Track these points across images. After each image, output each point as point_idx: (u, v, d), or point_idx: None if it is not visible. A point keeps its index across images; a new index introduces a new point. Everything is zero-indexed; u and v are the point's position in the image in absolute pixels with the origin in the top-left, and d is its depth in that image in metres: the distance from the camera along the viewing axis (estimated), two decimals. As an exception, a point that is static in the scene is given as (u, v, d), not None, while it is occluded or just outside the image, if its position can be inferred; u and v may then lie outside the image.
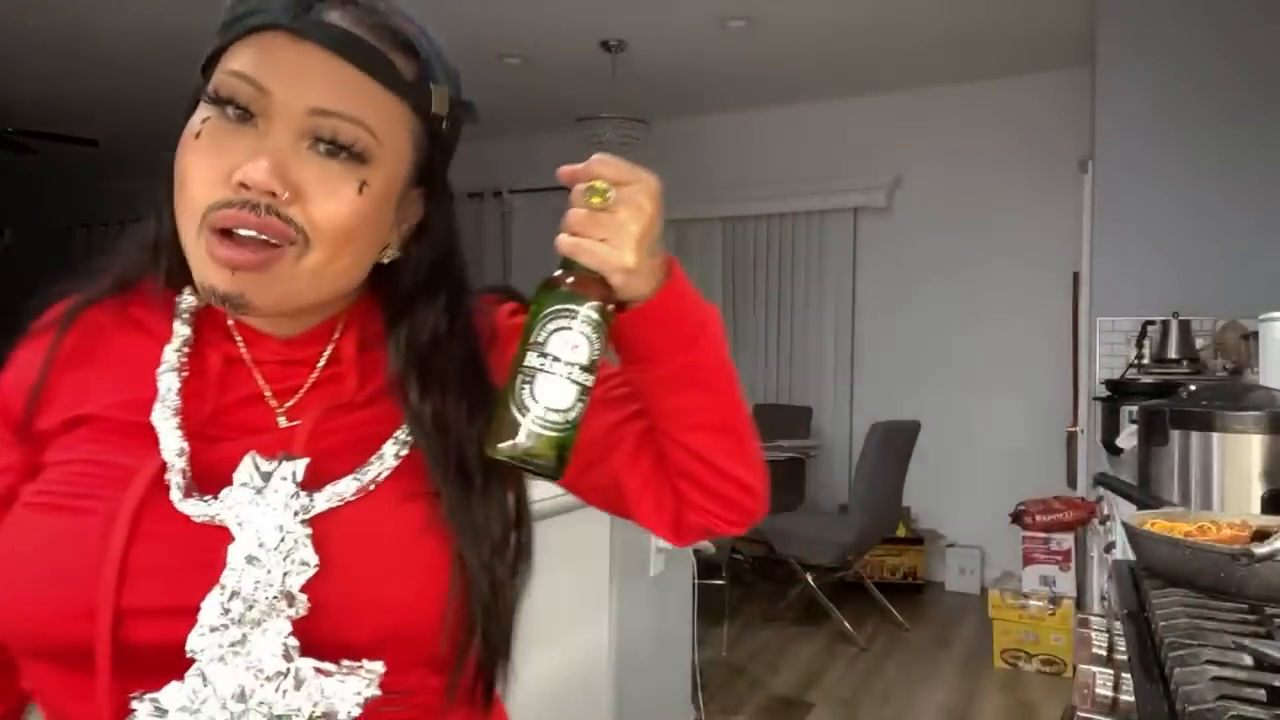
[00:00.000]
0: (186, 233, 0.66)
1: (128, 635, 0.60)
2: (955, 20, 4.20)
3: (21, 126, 5.50)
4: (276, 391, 0.72)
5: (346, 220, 0.66)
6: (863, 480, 4.11)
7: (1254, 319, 2.12)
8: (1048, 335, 4.81)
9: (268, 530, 0.62)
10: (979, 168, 5.02)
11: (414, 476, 0.68)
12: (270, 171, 0.63)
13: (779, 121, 5.53)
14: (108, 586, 0.60)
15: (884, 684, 3.62)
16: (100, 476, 0.65)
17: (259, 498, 0.63)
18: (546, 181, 6.03)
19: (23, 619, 0.62)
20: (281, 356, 0.73)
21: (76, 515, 0.63)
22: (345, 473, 0.66)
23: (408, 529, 0.66)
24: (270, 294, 0.66)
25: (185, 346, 0.72)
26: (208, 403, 0.70)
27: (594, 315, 0.64)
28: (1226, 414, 1.45)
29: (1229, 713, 0.70)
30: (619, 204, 0.64)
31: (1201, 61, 3.39)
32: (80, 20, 4.28)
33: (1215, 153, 3.37)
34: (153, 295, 0.74)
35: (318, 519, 0.64)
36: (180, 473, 0.64)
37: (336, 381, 0.73)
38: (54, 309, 0.76)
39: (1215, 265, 3.35)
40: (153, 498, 0.63)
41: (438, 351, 0.73)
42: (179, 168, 0.66)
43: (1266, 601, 0.97)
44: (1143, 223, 3.47)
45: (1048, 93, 4.82)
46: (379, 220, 0.70)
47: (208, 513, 0.63)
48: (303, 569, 0.62)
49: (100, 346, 0.73)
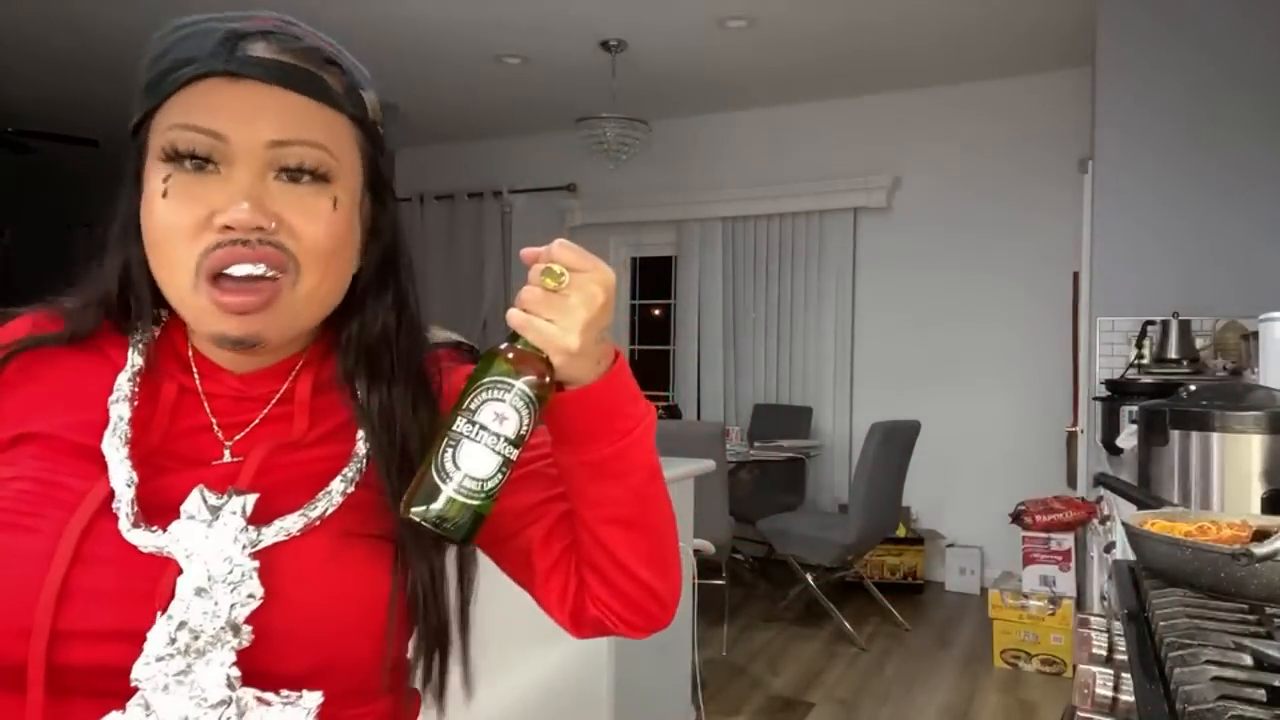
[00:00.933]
0: (179, 289, 0.68)
1: (64, 656, 0.61)
2: (955, 20, 4.20)
3: (21, 126, 5.50)
4: (224, 425, 0.73)
5: (329, 238, 0.69)
6: (863, 480, 4.11)
7: (1254, 319, 2.12)
8: (1048, 335, 4.81)
9: (216, 562, 0.64)
10: (979, 168, 5.02)
11: (360, 515, 0.70)
12: (252, 209, 0.65)
13: (779, 121, 5.53)
14: (46, 606, 0.60)
15: (884, 684, 3.62)
16: (46, 496, 0.65)
17: (208, 529, 0.65)
18: (546, 181, 6.06)
19: None
20: (236, 392, 0.75)
21: (19, 533, 0.63)
22: (292, 508, 0.68)
23: (351, 563, 0.68)
24: (280, 328, 0.69)
25: (138, 376, 0.73)
26: (156, 432, 0.71)
27: (528, 391, 0.65)
28: (1226, 414, 1.45)
29: (1229, 713, 0.70)
30: (572, 288, 0.66)
31: (1201, 61, 3.39)
32: (80, 20, 4.28)
33: (1215, 153, 3.37)
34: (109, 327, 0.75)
35: (264, 552, 0.65)
36: (130, 503, 0.65)
37: (285, 420, 0.74)
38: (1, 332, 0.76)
39: (1215, 265, 3.35)
40: (97, 523, 0.64)
41: (384, 347, 0.76)
42: (154, 231, 0.67)
43: (1266, 601, 0.97)
44: (1143, 223, 3.47)
45: (1048, 93, 4.82)
46: (351, 233, 0.73)
47: (156, 544, 0.64)
48: (249, 601, 0.63)
49: (51, 367, 0.74)
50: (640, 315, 6.21)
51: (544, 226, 6.04)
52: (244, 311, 0.67)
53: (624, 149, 4.68)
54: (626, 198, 5.85)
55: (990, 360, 5.01)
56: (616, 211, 5.93)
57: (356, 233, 0.74)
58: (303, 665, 0.65)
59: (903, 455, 4.33)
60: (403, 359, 0.76)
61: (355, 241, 0.74)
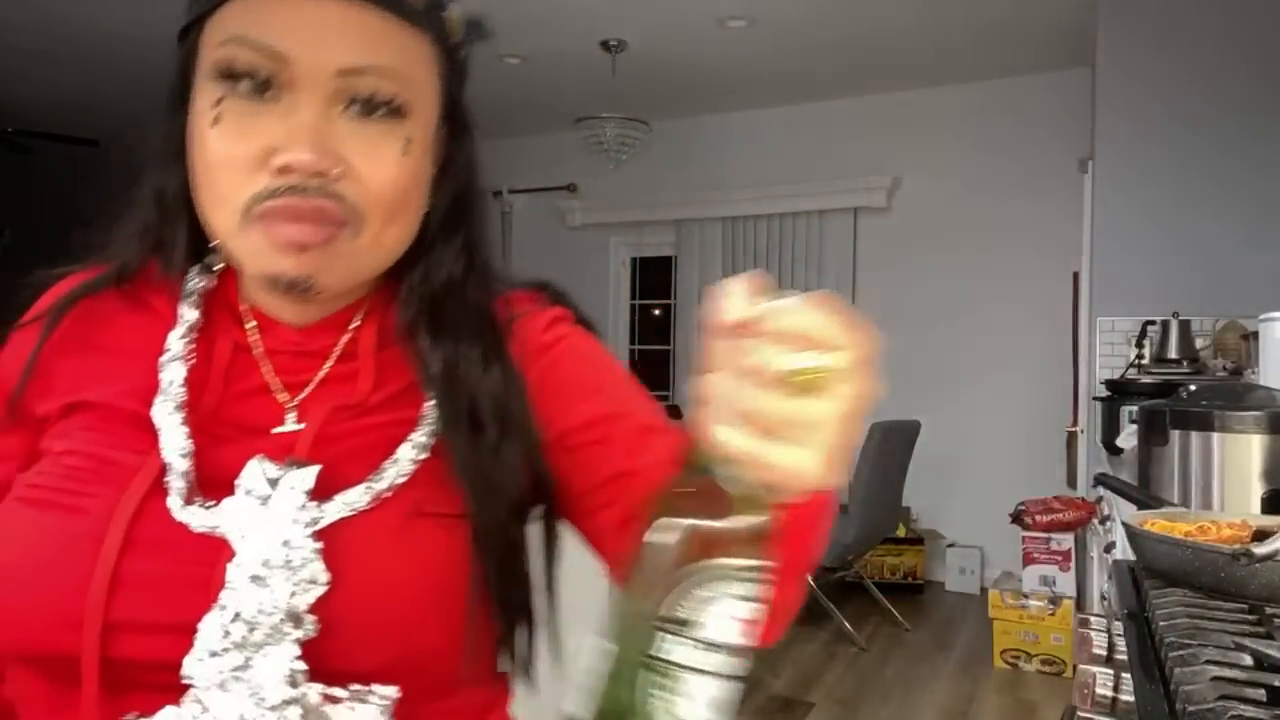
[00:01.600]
0: (225, 228, 0.60)
1: (117, 649, 0.56)
2: (956, 20, 4.20)
3: (21, 126, 5.50)
4: (283, 386, 0.66)
5: (397, 187, 0.61)
6: (862, 480, 4.11)
7: (1254, 319, 2.12)
8: (1048, 335, 4.81)
9: (272, 544, 0.56)
10: (979, 168, 5.02)
11: (432, 486, 0.62)
12: (315, 150, 0.57)
13: (779, 121, 5.53)
14: (97, 597, 0.55)
15: (884, 684, 3.62)
16: (97, 473, 0.60)
17: (263, 508, 0.58)
18: (546, 181, 6.06)
19: (7, 624, 0.58)
20: (294, 347, 0.67)
21: (69, 515, 0.58)
22: (356, 480, 0.60)
23: (424, 541, 0.60)
24: (337, 272, 0.61)
25: (192, 333, 0.66)
26: (211, 395, 0.64)
27: (765, 562, 0.41)
28: (1226, 414, 1.45)
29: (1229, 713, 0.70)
30: (826, 384, 0.41)
31: (1202, 61, 3.39)
32: (80, 20, 4.28)
33: (1215, 153, 3.37)
34: (157, 276, 0.68)
35: (326, 531, 0.58)
36: (182, 476, 0.59)
37: (348, 380, 0.66)
38: (51, 292, 0.71)
39: (1215, 265, 3.35)
40: (150, 502, 0.58)
41: (451, 296, 0.67)
42: (201, 161, 0.60)
43: (1266, 601, 0.97)
44: (1143, 223, 3.47)
45: (1048, 93, 4.82)
46: (423, 177, 0.65)
47: (208, 523, 0.57)
48: (310, 587, 0.56)
49: (103, 329, 0.68)
50: (640, 315, 6.21)
51: (544, 226, 6.04)
52: (302, 246, 0.58)
53: (624, 149, 4.68)
54: (626, 198, 5.85)
55: (990, 360, 5.01)
56: (616, 211, 5.92)
57: (429, 173, 0.66)
58: (375, 658, 0.57)
59: (903, 455, 4.33)
60: (471, 310, 0.67)
61: (426, 183, 0.66)
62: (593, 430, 0.66)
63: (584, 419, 0.66)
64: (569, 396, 0.67)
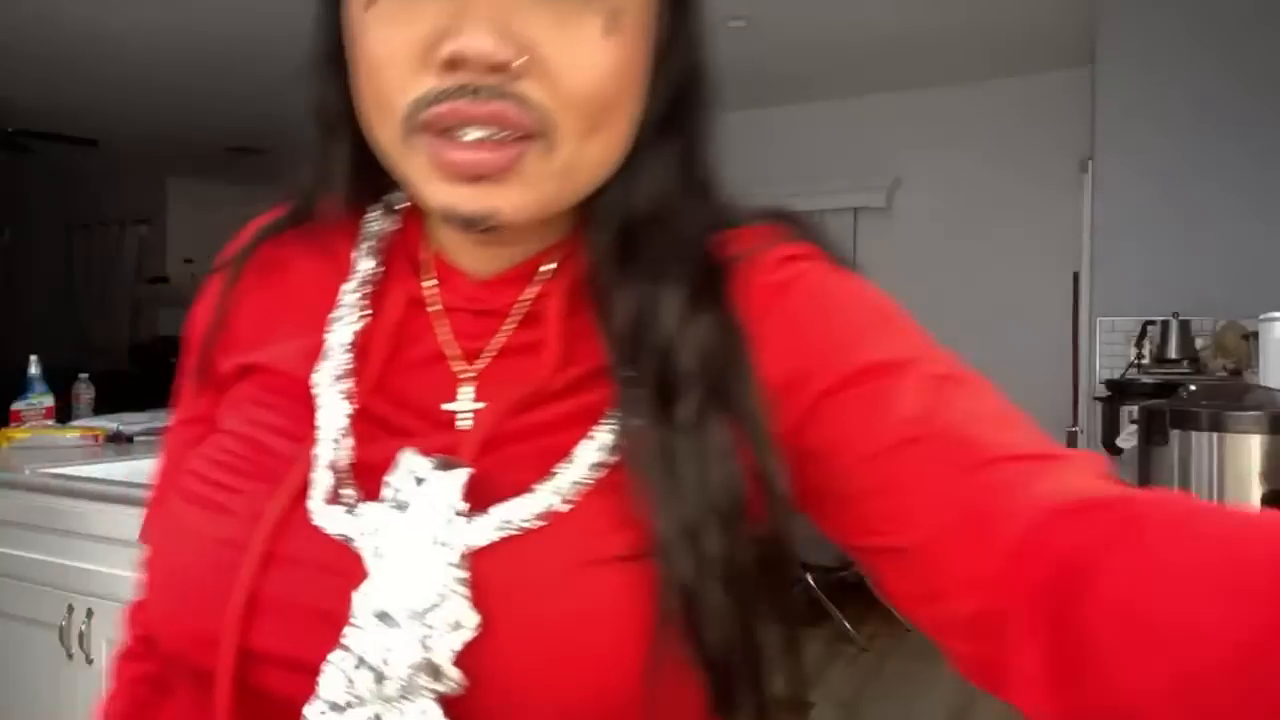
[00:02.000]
0: (387, 143, 0.48)
1: (255, 679, 0.47)
2: (955, 20, 4.20)
3: (21, 126, 5.50)
4: (468, 352, 0.53)
5: (603, 81, 0.46)
6: (863, 480, 4.11)
7: (1254, 319, 2.12)
8: (1048, 335, 4.81)
9: (407, 570, 0.44)
10: (979, 168, 5.02)
11: (616, 499, 0.47)
12: (494, 34, 0.43)
13: (779, 121, 5.53)
14: (232, 621, 0.46)
15: (884, 684, 3.62)
16: (250, 461, 0.51)
17: (402, 517, 0.45)
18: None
19: (159, 630, 0.51)
20: (474, 303, 0.54)
21: (215, 516, 0.50)
22: (522, 488, 0.46)
23: (607, 573, 0.45)
24: (526, 204, 0.47)
25: (366, 286, 0.55)
26: (375, 362, 0.52)
27: None
28: (1226, 414, 1.45)
29: (1229, 713, 0.70)
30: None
31: (1202, 61, 3.39)
32: (80, 21, 4.27)
33: (1215, 152, 3.37)
34: (340, 215, 0.57)
35: (478, 556, 0.45)
36: (328, 467, 0.48)
37: (530, 351, 0.52)
38: (242, 235, 0.62)
39: (1215, 265, 3.35)
40: (299, 502, 0.48)
41: (654, 224, 0.51)
42: (358, 56, 0.47)
43: (1266, 601, 0.97)
44: (1143, 223, 3.47)
45: (1048, 93, 4.82)
46: (640, 65, 0.49)
47: (343, 530, 0.46)
48: (455, 631, 0.43)
49: (282, 278, 0.58)
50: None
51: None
52: (479, 175, 0.45)
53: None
54: (626, 198, 5.85)
55: (990, 360, 4.96)
56: (616, 211, 5.92)
57: (645, 61, 0.49)
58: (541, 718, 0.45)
59: (903, 455, 4.33)
60: (678, 243, 0.51)
61: (642, 75, 0.49)
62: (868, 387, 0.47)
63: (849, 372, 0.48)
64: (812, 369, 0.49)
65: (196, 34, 4.27)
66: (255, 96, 5.16)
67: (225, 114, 5.66)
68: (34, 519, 2.05)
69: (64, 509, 2.01)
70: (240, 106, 5.46)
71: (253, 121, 5.80)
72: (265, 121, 5.78)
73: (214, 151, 6.63)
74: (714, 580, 0.45)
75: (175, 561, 0.50)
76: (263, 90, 4.55)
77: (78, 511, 1.98)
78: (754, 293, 0.51)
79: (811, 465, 0.48)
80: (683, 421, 0.47)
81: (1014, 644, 0.39)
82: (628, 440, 0.47)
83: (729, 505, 0.46)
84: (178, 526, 0.51)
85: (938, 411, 0.46)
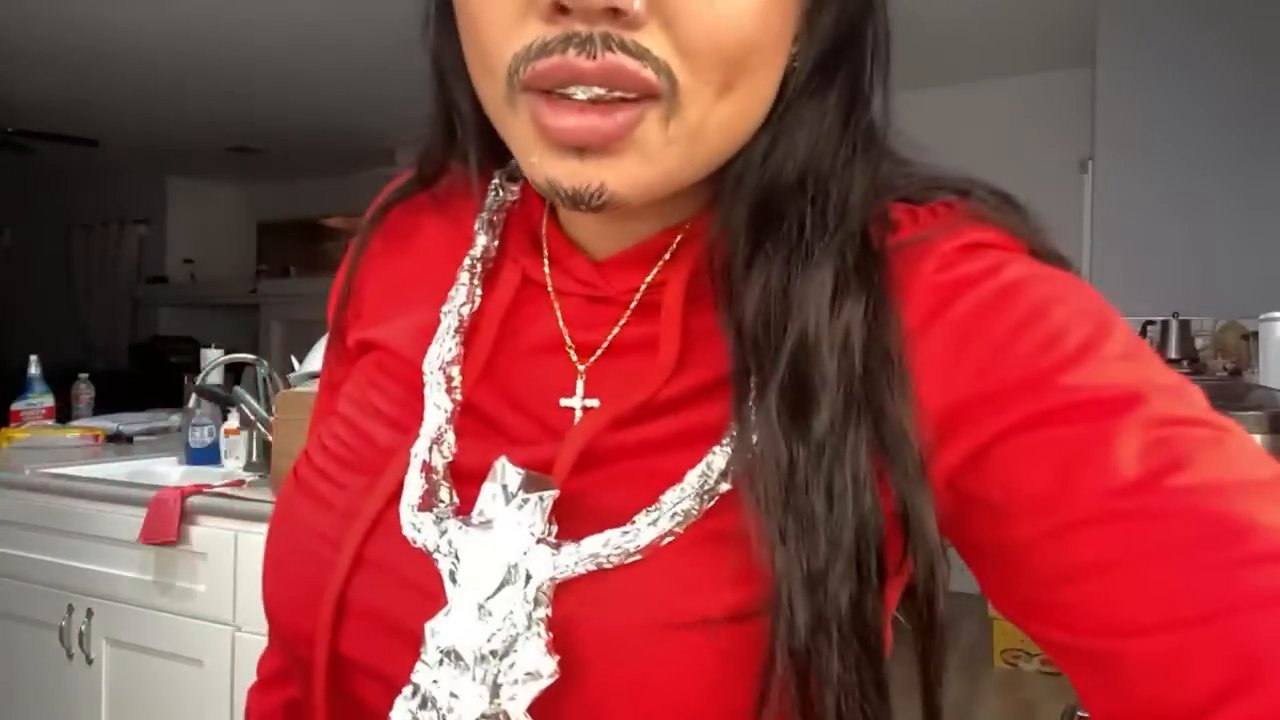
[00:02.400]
0: (492, 102, 0.41)
1: (348, 684, 0.44)
2: (955, 20, 4.20)
3: (21, 126, 5.50)
4: (579, 345, 0.46)
5: (739, 28, 0.37)
6: (863, 480, 4.10)
7: (1254, 319, 2.12)
8: (1048, 335, 4.81)
9: (483, 602, 0.39)
10: (979, 168, 4.96)
11: (725, 535, 0.39)
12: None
13: (779, 121, 5.53)
14: (324, 624, 0.43)
15: (884, 684, 3.62)
16: (356, 452, 0.48)
17: (485, 536, 0.40)
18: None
19: (271, 619, 0.49)
20: (588, 288, 0.47)
21: (319, 508, 0.47)
22: (620, 517, 0.40)
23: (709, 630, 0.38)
24: (641, 180, 0.39)
25: (485, 263, 0.49)
26: (482, 347, 0.47)
27: None
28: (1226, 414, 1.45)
29: (1229, 713, 0.70)
30: None
31: (1202, 61, 3.39)
32: (80, 20, 4.27)
33: (1215, 153, 3.37)
34: (464, 179, 0.51)
35: (562, 590, 0.39)
36: (422, 470, 0.44)
37: (645, 348, 0.44)
38: (377, 197, 0.57)
39: (1215, 265, 3.35)
40: (394, 504, 0.44)
41: (800, 195, 0.42)
42: (460, 16, 0.41)
43: (1266, 601, 0.97)
44: (1143, 223, 3.47)
45: (1048, 93, 4.82)
46: (781, 14, 0.39)
47: (426, 542, 0.42)
48: (529, 680, 0.38)
49: (408, 245, 0.54)
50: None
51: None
52: (584, 145, 0.38)
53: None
54: (626, 198, 5.85)
55: (990, 360, 5.01)
56: (616, 211, 5.92)
57: (792, 9, 0.40)
58: None
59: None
60: (831, 219, 0.41)
61: (790, 20, 0.40)
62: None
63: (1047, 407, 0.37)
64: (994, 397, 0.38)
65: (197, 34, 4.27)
66: (255, 96, 5.16)
67: (225, 114, 5.65)
68: (34, 519, 2.05)
69: (64, 509, 2.01)
70: (240, 106, 5.46)
71: (253, 121, 5.80)
72: (265, 121, 5.78)
73: (214, 151, 6.63)
74: (835, 640, 0.37)
75: (281, 551, 0.48)
76: (263, 90, 4.55)
77: (78, 511, 1.98)
78: (923, 288, 0.41)
79: (977, 515, 0.38)
80: (816, 440, 0.38)
81: None
82: (746, 464, 0.39)
83: (863, 547, 0.37)
84: (288, 513, 0.49)
85: (1173, 472, 0.33)
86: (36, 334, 6.47)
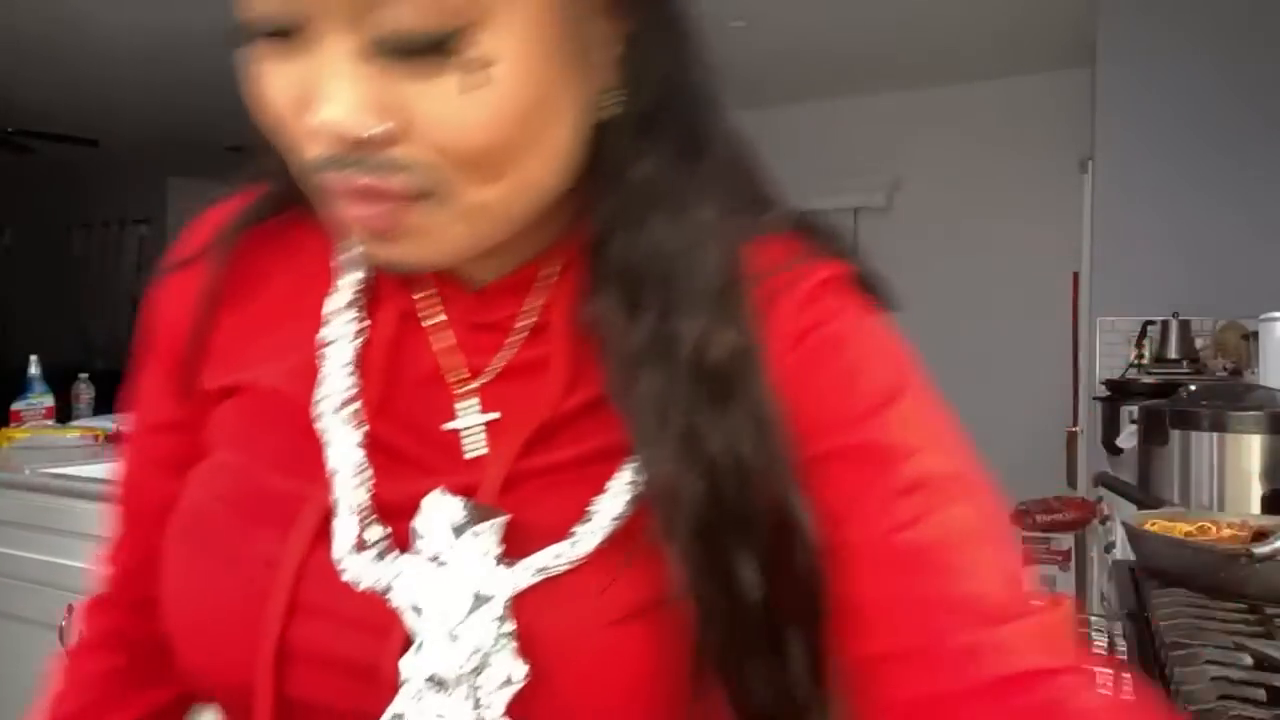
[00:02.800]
0: (300, 172, 0.44)
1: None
2: (955, 20, 4.20)
3: (21, 126, 5.50)
4: (471, 371, 0.48)
5: (486, 132, 0.40)
6: (863, 480, 4.10)
7: (1254, 319, 2.12)
8: (1048, 335, 4.81)
9: (454, 629, 0.42)
10: (979, 168, 5.02)
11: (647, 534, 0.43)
12: (348, 104, 0.38)
13: (779, 121, 5.52)
14: (265, 674, 0.44)
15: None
16: (255, 501, 0.47)
17: (439, 570, 0.43)
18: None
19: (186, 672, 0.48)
20: (472, 316, 0.48)
21: (230, 562, 0.46)
22: (552, 530, 0.43)
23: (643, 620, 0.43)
24: (435, 254, 0.43)
25: (360, 298, 0.49)
26: (374, 385, 0.47)
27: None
28: (1226, 414, 1.45)
29: (1229, 713, 0.70)
30: None
31: (1202, 61, 3.39)
32: (80, 20, 4.28)
33: (1215, 153, 3.37)
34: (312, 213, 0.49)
35: (519, 601, 0.42)
36: (351, 510, 0.45)
37: (538, 370, 0.47)
38: (202, 223, 0.55)
39: (1215, 265, 3.35)
40: (318, 547, 0.45)
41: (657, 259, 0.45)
42: (259, 110, 0.45)
43: (1266, 601, 0.97)
44: (1143, 223, 3.46)
45: (1048, 93, 4.82)
46: (541, 89, 0.41)
47: (378, 581, 0.43)
48: (505, 687, 0.41)
49: (262, 277, 0.52)
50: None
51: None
52: (379, 232, 0.42)
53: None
54: (626, 198, 5.85)
55: (990, 360, 5.01)
56: (616, 211, 5.92)
57: (557, 76, 0.42)
58: None
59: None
60: (691, 272, 0.44)
61: (562, 92, 0.42)
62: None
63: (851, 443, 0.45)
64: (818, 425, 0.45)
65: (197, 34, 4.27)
66: (255, 96, 5.16)
67: (225, 114, 5.64)
68: (34, 519, 2.06)
69: (64, 509, 2.01)
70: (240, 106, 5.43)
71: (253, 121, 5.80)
72: (265, 121, 5.78)
73: (214, 151, 6.61)
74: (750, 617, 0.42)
75: (193, 604, 0.47)
76: (263, 90, 4.56)
77: (78, 511, 1.98)
78: (781, 324, 0.46)
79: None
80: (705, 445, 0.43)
81: None
82: (649, 470, 0.43)
83: (762, 534, 0.42)
84: (184, 571, 0.48)
85: (924, 519, 0.43)
86: (36, 334, 6.46)
